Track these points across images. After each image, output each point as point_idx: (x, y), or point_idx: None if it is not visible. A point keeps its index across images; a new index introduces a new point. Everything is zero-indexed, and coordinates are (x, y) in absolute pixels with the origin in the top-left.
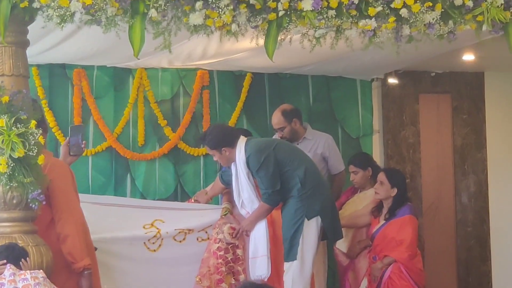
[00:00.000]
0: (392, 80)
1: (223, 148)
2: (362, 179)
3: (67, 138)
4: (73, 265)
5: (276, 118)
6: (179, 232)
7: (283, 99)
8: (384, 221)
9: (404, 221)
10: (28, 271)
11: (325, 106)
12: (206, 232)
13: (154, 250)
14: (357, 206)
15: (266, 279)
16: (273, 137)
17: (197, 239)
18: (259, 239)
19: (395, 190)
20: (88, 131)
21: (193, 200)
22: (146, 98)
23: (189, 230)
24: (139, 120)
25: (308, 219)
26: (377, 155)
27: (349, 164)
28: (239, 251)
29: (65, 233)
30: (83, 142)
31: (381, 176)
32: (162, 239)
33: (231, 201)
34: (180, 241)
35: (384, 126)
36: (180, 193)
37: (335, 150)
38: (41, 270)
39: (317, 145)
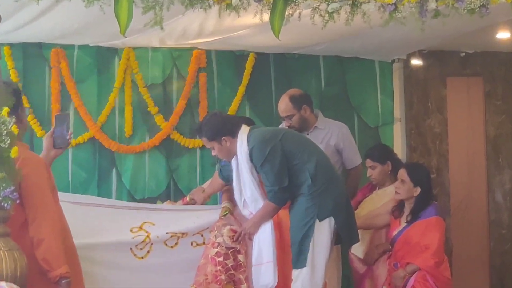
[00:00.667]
0: (415, 61)
1: (223, 138)
2: (380, 175)
3: (52, 128)
4: (49, 273)
5: (283, 105)
6: (171, 236)
7: (291, 83)
8: (406, 224)
9: (429, 223)
10: (3, 282)
11: (339, 90)
12: (202, 236)
13: (142, 257)
14: (375, 204)
15: None
16: (280, 126)
17: (191, 244)
18: (263, 243)
19: (418, 190)
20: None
21: (188, 199)
22: (134, 82)
23: (183, 233)
24: (126, 107)
25: (319, 220)
26: (398, 147)
27: (366, 158)
28: (240, 257)
29: (39, 237)
30: (69, 133)
31: (402, 173)
32: (152, 244)
33: (231, 199)
34: (172, 246)
35: (406, 113)
36: (173, 191)
37: (350, 141)
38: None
39: (330, 135)
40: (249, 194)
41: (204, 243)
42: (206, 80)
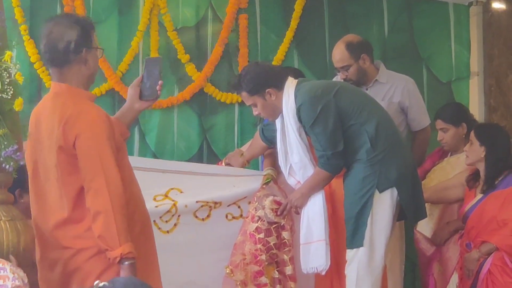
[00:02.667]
0: (497, 5)
1: (267, 90)
2: (453, 139)
3: (140, 75)
4: (107, 252)
5: (339, 54)
6: (202, 206)
7: (348, 28)
8: (481, 195)
9: (509, 194)
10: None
11: (405, 38)
12: (239, 207)
13: (167, 231)
14: (447, 174)
15: (324, 272)
16: (334, 79)
17: (226, 217)
18: (313, 219)
19: (483, 149)
20: None
21: (224, 164)
22: (162, 24)
23: (216, 203)
24: (151, 54)
25: (380, 192)
26: (475, 106)
27: (436, 119)
28: (285, 234)
29: (95, 209)
30: (160, 82)
31: (471, 134)
32: (179, 215)
33: (275, 166)
34: (203, 219)
35: (485, 67)
36: (206, 154)
37: (417, 98)
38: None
39: (393, 91)
40: (296, 160)
41: (241, 216)
42: (247, 23)
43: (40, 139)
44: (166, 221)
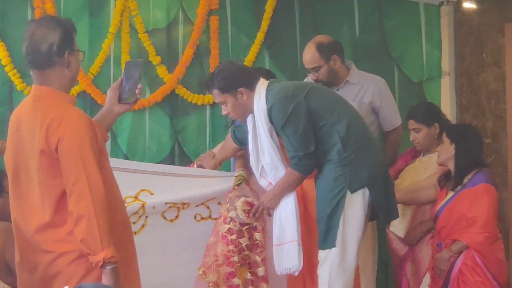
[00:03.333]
0: (468, 4)
1: (239, 89)
2: (426, 139)
3: (119, 78)
4: (90, 256)
5: (309, 55)
6: (170, 207)
7: (318, 29)
8: (451, 194)
9: (477, 192)
10: None
11: (376, 38)
12: (208, 208)
13: (135, 232)
14: (420, 174)
15: (297, 273)
16: (305, 80)
17: (195, 217)
18: (286, 220)
19: (454, 147)
20: None
21: (195, 166)
22: (133, 26)
23: (184, 204)
24: (123, 56)
25: (351, 192)
26: (447, 106)
27: (408, 119)
28: (257, 235)
29: (78, 213)
30: (139, 86)
31: (443, 135)
32: (147, 216)
33: (247, 167)
34: (171, 220)
35: (457, 66)
36: (178, 156)
37: (388, 98)
38: None
39: (364, 91)
40: (268, 161)
41: (210, 216)
42: (218, 24)
43: (21, 142)
44: (134, 222)
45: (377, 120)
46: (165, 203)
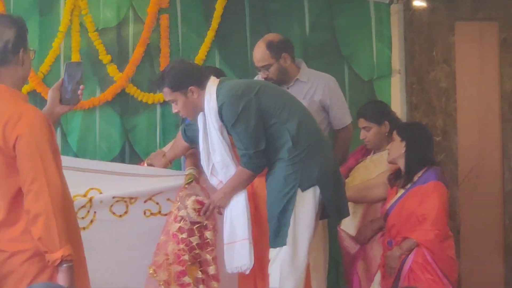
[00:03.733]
0: (418, 3)
1: (189, 88)
2: (376, 137)
3: (60, 79)
4: (47, 255)
5: (260, 53)
6: (117, 201)
7: (269, 27)
8: (401, 192)
9: (427, 190)
10: None
11: (327, 37)
12: (158, 204)
13: (84, 228)
14: (370, 172)
15: (248, 272)
16: (255, 78)
17: (144, 213)
18: (237, 218)
19: (404, 145)
20: None
21: (146, 164)
22: (83, 25)
23: (131, 198)
24: (73, 55)
25: (302, 190)
26: (397, 104)
27: (358, 117)
28: (208, 234)
29: (35, 211)
30: (81, 86)
31: (394, 133)
32: (95, 212)
33: (197, 166)
34: (120, 215)
35: (407, 64)
36: (128, 155)
37: (338, 96)
38: None
39: (314, 89)
40: (218, 159)
41: (160, 212)
42: (169, 23)
43: None
44: (82, 218)
45: (327, 118)
46: (113, 197)
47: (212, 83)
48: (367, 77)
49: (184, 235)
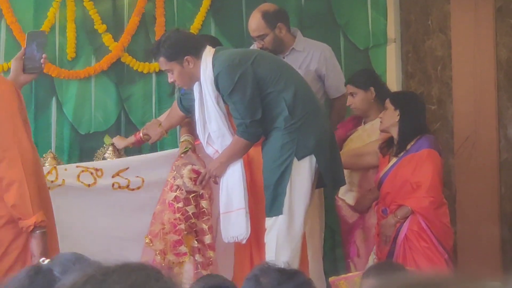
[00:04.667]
0: None
1: (185, 57)
2: (362, 103)
3: (22, 49)
4: (21, 221)
5: (255, 23)
6: (82, 171)
7: None
8: (394, 161)
9: (421, 157)
10: None
11: (322, 6)
12: (127, 179)
13: (50, 188)
14: (364, 142)
15: (244, 241)
16: (251, 47)
17: (113, 185)
18: (233, 187)
19: (398, 114)
20: None
21: (141, 134)
22: None
23: (97, 170)
24: (68, 24)
25: (298, 159)
26: (393, 73)
27: (346, 84)
28: (204, 203)
29: (9, 179)
30: (43, 55)
31: (386, 102)
32: (63, 179)
33: (193, 134)
34: (89, 185)
35: (402, 33)
36: (124, 124)
37: (334, 65)
38: None
39: (310, 58)
40: (214, 128)
41: (128, 186)
42: None
43: None
44: (52, 181)
45: (323, 87)
46: (76, 166)
47: (208, 53)
48: (362, 46)
49: (180, 204)
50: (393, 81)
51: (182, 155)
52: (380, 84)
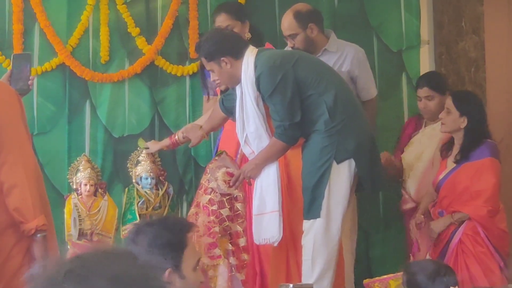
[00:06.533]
0: None
1: (222, 58)
2: (436, 107)
3: (8, 70)
4: (22, 225)
5: (287, 22)
6: None
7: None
8: (454, 165)
9: (482, 166)
10: None
11: (355, 7)
12: None
13: None
14: (424, 146)
15: (276, 244)
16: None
17: None
18: (267, 189)
19: (465, 120)
20: (32, 43)
21: (176, 137)
22: None
23: None
24: (101, 27)
25: (337, 163)
26: None
27: (422, 86)
28: (238, 205)
29: (10, 182)
30: (31, 77)
31: (448, 102)
32: None
33: None
34: None
35: (436, 35)
36: (157, 127)
37: (366, 68)
38: None
39: (343, 59)
40: (252, 129)
41: None
42: None
43: None
44: None
45: (355, 89)
46: None
47: (250, 53)
48: (395, 48)
49: (215, 207)
50: None
51: (216, 157)
52: (450, 88)
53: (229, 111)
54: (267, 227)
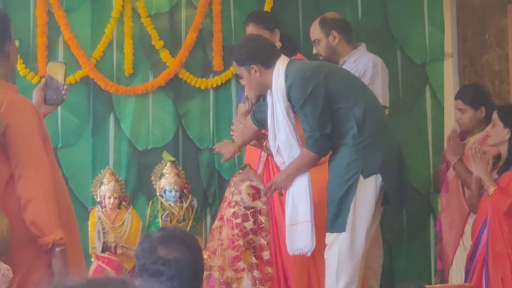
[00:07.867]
0: None
1: (252, 65)
2: (471, 121)
3: (43, 80)
4: (39, 239)
5: (313, 27)
6: None
7: (321, 11)
8: (496, 176)
9: None
10: None
11: (379, 20)
12: None
13: None
14: (466, 157)
15: (309, 254)
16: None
17: None
18: (299, 200)
19: (508, 132)
20: (57, 56)
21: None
22: (136, 10)
23: None
24: (125, 40)
25: (364, 177)
26: (450, 87)
27: (456, 98)
28: (262, 218)
29: (26, 196)
30: (65, 86)
31: (494, 116)
32: None
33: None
34: None
35: (459, 48)
36: (181, 140)
37: (377, 77)
38: None
39: (355, 70)
40: (283, 139)
41: None
42: (221, 8)
43: None
44: None
45: None
46: None
47: (282, 63)
48: (419, 61)
49: (238, 220)
50: (451, 96)
51: (240, 171)
52: (492, 104)
53: (260, 123)
54: (300, 237)
